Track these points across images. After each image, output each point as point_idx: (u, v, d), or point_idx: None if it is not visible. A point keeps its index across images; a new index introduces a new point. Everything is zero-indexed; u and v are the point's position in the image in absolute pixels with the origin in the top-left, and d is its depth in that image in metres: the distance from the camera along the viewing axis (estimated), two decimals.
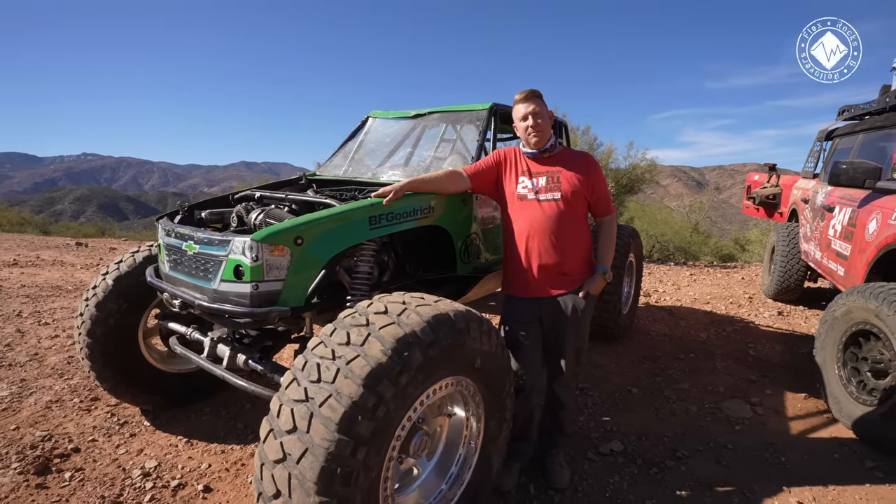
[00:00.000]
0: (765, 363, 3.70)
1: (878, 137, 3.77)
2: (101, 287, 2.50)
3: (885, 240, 2.82)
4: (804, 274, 5.08)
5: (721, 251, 12.64)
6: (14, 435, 2.50)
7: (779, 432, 2.73)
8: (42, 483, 2.16)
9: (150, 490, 2.14)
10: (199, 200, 2.65)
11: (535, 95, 2.11)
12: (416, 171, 2.86)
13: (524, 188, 2.16)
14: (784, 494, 2.18)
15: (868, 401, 2.59)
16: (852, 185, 3.40)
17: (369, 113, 3.54)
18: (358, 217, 2.03)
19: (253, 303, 1.83)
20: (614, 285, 3.68)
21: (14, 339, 3.78)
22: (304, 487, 1.28)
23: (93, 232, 15.02)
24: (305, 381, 1.40)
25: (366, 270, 2.17)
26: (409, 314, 1.52)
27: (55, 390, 2.99)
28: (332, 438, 1.28)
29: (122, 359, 2.55)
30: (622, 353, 3.82)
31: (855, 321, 2.71)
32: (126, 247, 9.25)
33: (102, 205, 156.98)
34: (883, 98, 3.90)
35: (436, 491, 1.81)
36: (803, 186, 5.20)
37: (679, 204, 16.60)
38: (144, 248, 2.70)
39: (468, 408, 1.84)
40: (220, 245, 1.91)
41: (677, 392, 3.19)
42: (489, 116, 2.93)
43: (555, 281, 2.14)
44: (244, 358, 2.05)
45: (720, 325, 4.65)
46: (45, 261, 7.04)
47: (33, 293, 5.13)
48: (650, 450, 2.51)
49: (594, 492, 2.18)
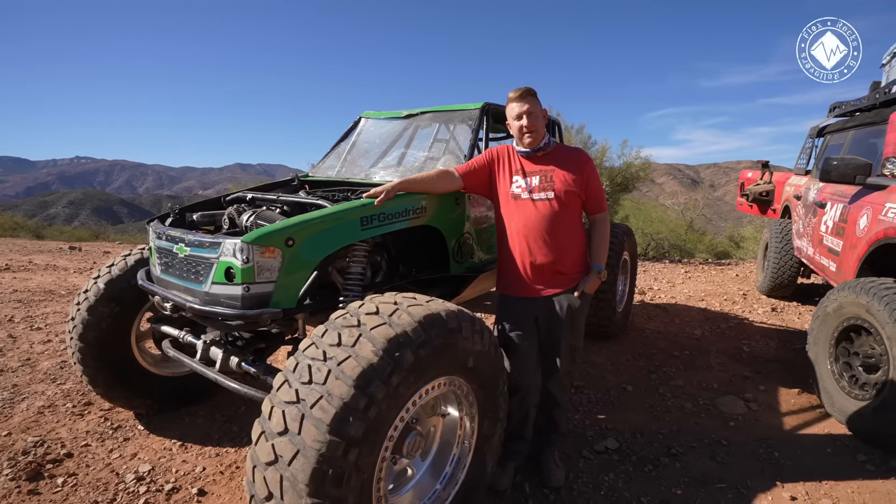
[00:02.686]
0: (759, 359, 3.72)
1: (868, 134, 3.79)
2: (92, 291, 2.49)
3: (876, 235, 2.84)
4: (797, 270, 5.11)
5: (716, 248, 12.69)
6: (6, 441, 2.48)
7: (772, 428, 2.74)
8: (34, 489, 2.14)
9: (144, 494, 2.13)
10: (192, 203, 2.64)
11: (528, 94, 2.10)
12: (409, 172, 2.85)
13: (518, 187, 2.16)
14: (778, 489, 2.19)
15: (860, 395, 2.61)
16: (843, 182, 3.42)
17: (362, 113, 3.54)
18: (350, 218, 2.02)
19: (244, 305, 1.82)
20: (609, 283, 3.69)
21: (6, 345, 3.75)
22: (296, 489, 1.28)
23: (87, 236, 14.92)
24: (297, 383, 1.39)
25: (358, 271, 2.17)
26: (400, 314, 1.52)
27: (48, 395, 2.96)
28: (324, 440, 1.28)
29: (115, 363, 2.54)
30: (617, 351, 3.83)
31: (846, 316, 2.72)
32: (120, 250, 9.20)
33: (96, 208, 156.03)
34: (873, 94, 3.93)
35: (430, 491, 1.81)
36: (796, 183, 5.23)
37: (674, 202, 16.66)
38: (136, 252, 2.69)
39: (462, 407, 1.83)
40: (210, 247, 1.90)
41: (672, 389, 3.20)
42: (482, 116, 2.93)
43: (550, 280, 2.14)
44: (237, 360, 2.04)
45: (714, 321, 4.67)
46: (38, 265, 6.99)
47: (25, 298, 5.09)
48: (645, 447, 2.51)
49: (589, 490, 2.18)
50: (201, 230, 2.37)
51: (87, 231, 16.83)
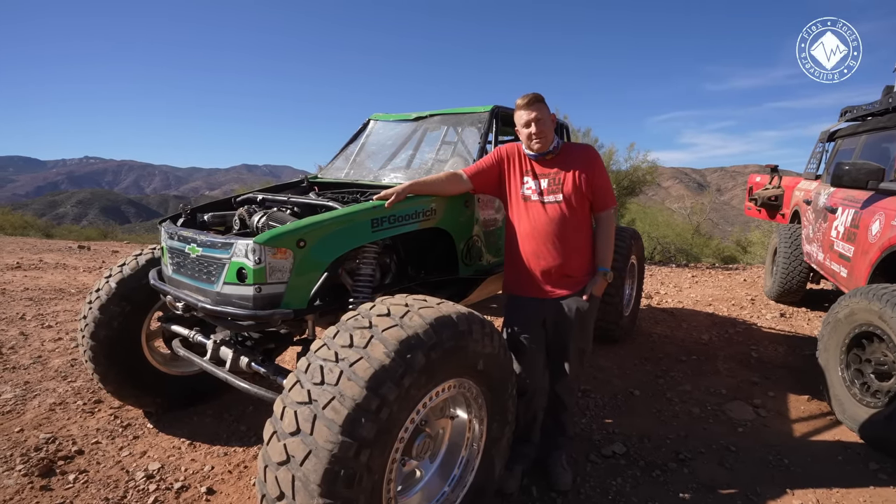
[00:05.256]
0: (767, 365, 3.69)
1: (881, 138, 3.76)
2: (104, 290, 2.51)
3: (889, 241, 2.82)
4: (806, 275, 5.07)
5: (723, 253, 12.60)
6: (18, 437, 2.50)
7: (782, 434, 2.72)
8: (46, 485, 2.16)
9: (153, 492, 2.14)
10: (200, 203, 2.66)
11: (536, 100, 2.11)
12: (417, 174, 2.86)
13: (528, 189, 2.17)
14: (787, 497, 2.17)
15: (872, 403, 2.59)
16: (855, 187, 3.39)
17: (371, 116, 3.55)
18: (360, 219, 2.03)
19: (256, 305, 1.83)
20: (616, 287, 3.68)
21: (18, 342, 3.79)
22: (308, 489, 1.29)
23: (95, 235, 15.05)
24: (309, 384, 1.40)
25: (368, 273, 2.18)
26: (411, 316, 1.53)
27: (59, 393, 2.99)
28: (336, 440, 1.28)
29: (126, 361, 2.56)
30: (624, 356, 3.81)
31: (858, 323, 2.70)
32: (128, 250, 9.27)
33: (104, 208, 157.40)
34: (886, 99, 3.89)
35: (438, 493, 1.81)
36: (805, 188, 5.19)
37: (680, 206, 16.55)
38: (147, 251, 2.71)
39: (471, 410, 1.84)
40: (222, 248, 1.91)
41: (679, 394, 3.18)
42: (490, 119, 2.94)
43: (558, 283, 2.15)
44: (247, 360, 2.05)
45: (722, 326, 4.64)
46: (48, 264, 7.06)
47: (36, 296, 5.14)
48: (652, 452, 2.50)
49: (596, 494, 2.17)
50: (212, 231, 2.39)
51: (96, 230, 16.96)
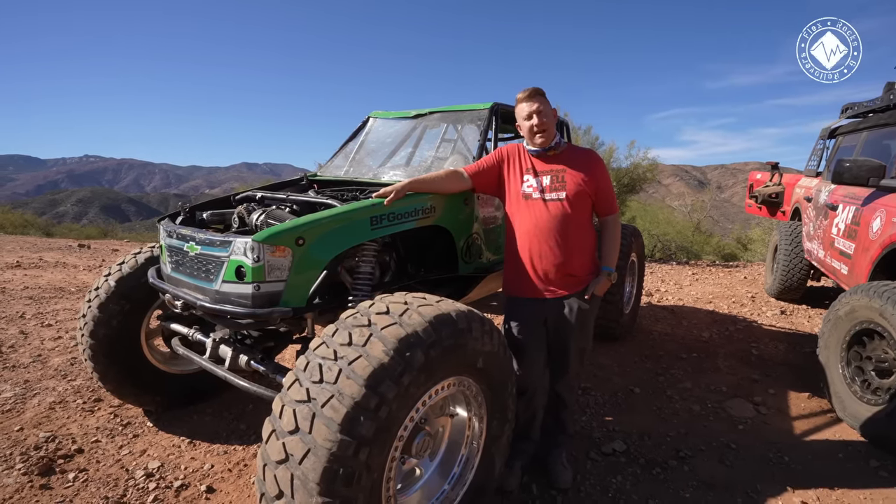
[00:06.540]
0: (768, 362, 3.69)
1: (882, 135, 3.75)
2: (103, 288, 2.51)
3: (890, 238, 2.81)
4: (807, 273, 5.06)
5: (723, 250, 12.60)
6: (18, 436, 2.50)
7: (782, 432, 2.72)
8: (46, 484, 2.16)
9: (153, 491, 2.14)
10: (200, 202, 2.65)
11: (538, 93, 2.09)
12: (417, 172, 2.85)
13: (529, 187, 2.14)
14: (788, 494, 2.17)
15: (872, 400, 2.58)
16: (856, 184, 3.38)
17: (370, 113, 3.54)
18: (359, 217, 2.02)
19: (255, 303, 1.83)
20: (617, 285, 3.68)
21: (17, 341, 3.79)
22: (307, 488, 1.28)
23: (95, 234, 15.06)
24: (307, 382, 1.40)
25: (367, 271, 2.17)
26: (411, 314, 1.52)
27: (58, 391, 2.99)
28: (335, 439, 1.28)
29: (125, 360, 2.56)
30: (624, 353, 3.81)
31: (859, 320, 2.69)
32: (128, 248, 9.27)
33: (104, 206, 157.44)
34: (887, 95, 3.88)
35: (438, 491, 1.81)
36: (806, 185, 5.18)
37: (681, 203, 16.55)
38: (146, 250, 2.71)
39: (470, 408, 1.83)
40: (221, 246, 1.91)
41: (680, 391, 3.18)
42: (490, 116, 2.93)
43: (559, 282, 2.13)
44: (246, 359, 2.05)
45: (723, 324, 4.63)
46: (48, 262, 7.06)
47: (36, 295, 5.14)
48: (653, 449, 2.50)
49: (597, 492, 2.17)
50: (211, 229, 2.38)
51: (96, 229, 16.97)
